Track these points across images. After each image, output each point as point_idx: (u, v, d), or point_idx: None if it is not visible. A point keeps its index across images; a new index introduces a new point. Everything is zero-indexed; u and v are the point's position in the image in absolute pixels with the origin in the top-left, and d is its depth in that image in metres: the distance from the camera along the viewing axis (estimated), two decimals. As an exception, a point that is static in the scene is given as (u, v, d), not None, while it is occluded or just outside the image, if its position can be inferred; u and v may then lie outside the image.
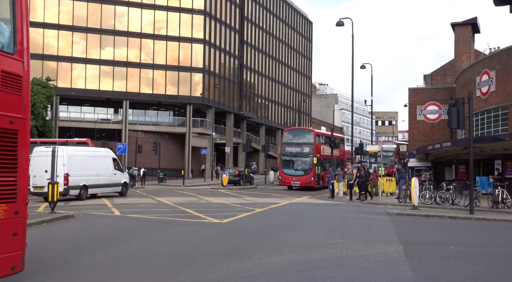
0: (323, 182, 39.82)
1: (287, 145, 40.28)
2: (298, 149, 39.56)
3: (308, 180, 38.59)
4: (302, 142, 39.99)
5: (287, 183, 39.50)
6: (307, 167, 39.06)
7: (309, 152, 39.06)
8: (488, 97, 33.03)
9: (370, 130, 68.46)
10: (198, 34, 63.93)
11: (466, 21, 46.61)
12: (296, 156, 39.68)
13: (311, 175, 38.60)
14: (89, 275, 8.61)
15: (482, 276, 8.90)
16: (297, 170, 39.33)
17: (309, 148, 39.28)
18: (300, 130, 45.40)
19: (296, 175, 39.07)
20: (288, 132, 42.65)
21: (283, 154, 40.06)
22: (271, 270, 9.05)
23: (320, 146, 39.92)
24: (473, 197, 20.93)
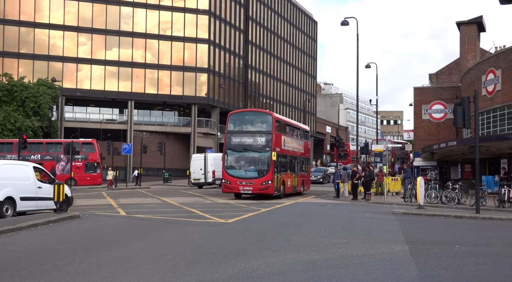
0: (284, 189, 29.48)
1: (234, 135, 28.83)
2: (250, 140, 28.37)
3: (264, 185, 27.49)
4: (255, 130, 28.92)
5: (234, 190, 28.04)
6: (262, 167, 27.98)
7: (266, 145, 27.88)
8: (494, 96, 32.90)
9: (375, 130, 68.40)
10: (202, 34, 64.00)
11: (472, 19, 46.47)
12: (247, 151, 28.39)
13: (268, 178, 27.49)
14: (95, 275, 8.63)
15: (488, 276, 8.86)
16: (248, 170, 28.16)
17: (266, 138, 28.05)
18: (252, 113, 34.16)
19: (247, 178, 27.75)
20: (235, 116, 30.38)
21: (228, 147, 28.57)
22: (276, 270, 9.04)
23: (280, 136, 29.28)
24: (479, 196, 20.86)
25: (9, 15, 58.29)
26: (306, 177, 35.30)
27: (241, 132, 29.02)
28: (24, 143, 32.73)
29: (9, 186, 17.20)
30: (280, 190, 28.72)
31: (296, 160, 32.24)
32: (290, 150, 30.92)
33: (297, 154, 32.49)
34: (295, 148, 32.05)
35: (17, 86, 51.21)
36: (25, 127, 47.75)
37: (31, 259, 10.07)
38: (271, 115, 29.27)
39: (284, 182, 29.49)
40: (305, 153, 34.94)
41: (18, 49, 58.36)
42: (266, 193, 27.65)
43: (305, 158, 35.07)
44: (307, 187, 35.72)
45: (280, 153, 28.68)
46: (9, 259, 10.15)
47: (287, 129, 31.74)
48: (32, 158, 42.40)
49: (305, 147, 35.20)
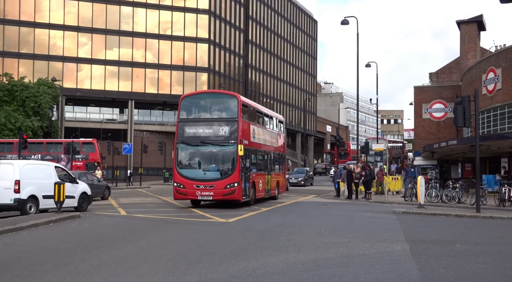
0: (255, 193, 23.61)
1: (189, 124, 22.62)
2: (209, 130, 22.34)
3: (229, 189, 21.31)
4: (216, 117, 22.87)
5: (190, 195, 21.81)
6: (226, 165, 21.89)
7: (230, 136, 21.87)
8: (494, 95, 32.90)
9: (375, 129, 68.52)
10: (203, 33, 64.01)
11: (472, 18, 46.48)
12: (205, 144, 22.16)
13: (233, 179, 21.36)
14: (96, 275, 8.63)
15: (489, 275, 8.86)
16: (207, 170, 21.96)
17: (230, 128, 21.99)
18: (211, 95, 26.34)
19: (205, 180, 21.52)
20: (189, 100, 23.90)
21: (181, 140, 22.41)
22: (277, 269, 9.04)
23: (249, 126, 23.24)
24: (480, 195, 20.85)
25: (9, 15, 58.29)
26: (282, 177, 29.57)
27: (197, 121, 22.68)
28: (24, 143, 32.75)
29: (32, 185, 18.10)
30: (249, 194, 22.58)
31: (269, 156, 26.34)
32: (261, 144, 25.01)
33: (270, 148, 26.87)
34: (267, 142, 26.28)
35: (18, 86, 51.24)
36: (25, 127, 47.77)
37: (31, 259, 10.07)
38: (236, 97, 22.50)
39: (255, 184, 23.39)
40: (279, 148, 29.09)
41: (18, 49, 58.36)
42: (231, 199, 21.44)
43: (279, 154, 28.96)
44: (283, 189, 30.32)
45: (248, 147, 22.62)
46: (10, 259, 10.16)
47: (258, 117, 25.43)
48: (33, 158, 42.41)
49: (280, 141, 29.36)
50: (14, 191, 17.43)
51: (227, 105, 22.91)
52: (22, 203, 17.57)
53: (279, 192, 28.41)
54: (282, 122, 30.96)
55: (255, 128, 24.20)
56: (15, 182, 17.46)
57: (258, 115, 25.71)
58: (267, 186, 25.82)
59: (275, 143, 28.11)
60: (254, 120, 24.47)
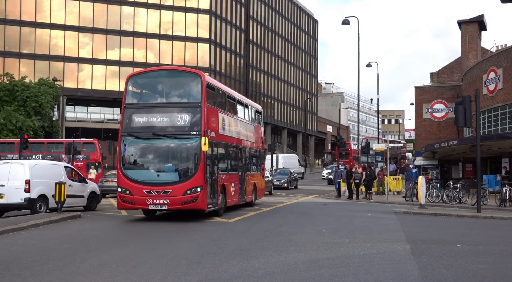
0: (225, 199, 18.74)
1: (138, 111, 17.81)
2: (164, 119, 17.45)
3: (190, 195, 16.39)
4: (173, 102, 18.16)
5: (139, 204, 16.83)
6: (185, 164, 17.13)
7: (192, 126, 17.07)
8: (495, 95, 32.89)
9: (376, 129, 68.57)
10: (204, 33, 64.03)
11: (473, 18, 46.44)
12: (159, 137, 17.24)
13: (195, 182, 16.50)
14: (97, 275, 8.64)
15: (490, 275, 8.86)
16: (161, 170, 17.05)
17: (192, 115, 17.18)
18: (166, 73, 20.02)
19: (159, 184, 16.63)
20: (137, 79, 19.06)
21: (128, 132, 17.48)
22: (278, 269, 9.05)
23: (217, 114, 18.50)
24: (480, 195, 20.85)
25: (10, 15, 58.33)
26: (260, 178, 24.52)
27: (149, 106, 17.88)
28: (25, 143, 32.80)
29: (42, 185, 18.30)
30: (217, 202, 17.58)
31: (244, 153, 21.45)
32: (234, 137, 20.15)
33: (246, 144, 21.96)
34: (242, 135, 21.47)
35: (18, 86, 51.24)
36: (26, 127, 47.78)
37: (32, 259, 10.08)
38: (199, 76, 17.39)
39: (225, 188, 18.57)
40: (257, 143, 24.09)
41: (19, 49, 58.41)
42: (193, 208, 16.46)
43: (257, 151, 24.08)
44: (261, 193, 24.80)
45: (217, 141, 17.88)
46: (11, 258, 10.16)
47: (229, 104, 20.57)
48: (33, 158, 42.42)
49: (257, 135, 24.36)
50: (25, 191, 17.69)
51: (188, 87, 18.05)
52: (32, 202, 17.84)
53: (256, 196, 23.30)
54: (260, 113, 25.91)
55: (226, 117, 19.20)
56: (25, 182, 17.70)
57: (230, 102, 20.77)
58: (242, 190, 20.86)
59: (252, 137, 23.24)
60: (225, 108, 19.48)
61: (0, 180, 17.64)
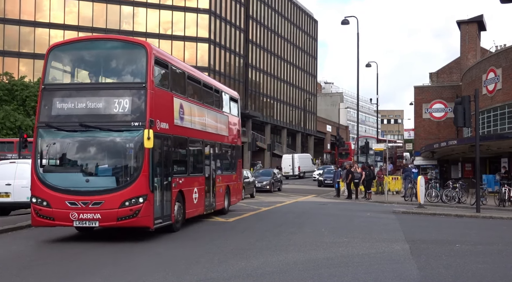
0: (184, 210, 14.54)
1: (60, 94, 13.19)
2: (95, 104, 12.87)
3: (129, 207, 11.95)
4: (108, 82, 14.03)
5: (60, 220, 12.15)
6: (123, 167, 12.62)
7: (132, 115, 12.65)
8: (495, 95, 32.89)
9: (375, 129, 68.62)
10: (203, 33, 64.01)
11: (472, 18, 46.45)
12: (88, 129, 12.58)
13: (136, 190, 12.09)
14: (96, 274, 8.64)
15: (489, 275, 8.87)
16: (90, 174, 12.53)
17: (132, 99, 12.73)
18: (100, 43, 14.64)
19: (87, 193, 12.09)
20: (62, 50, 14.13)
21: (46, 122, 12.84)
22: (277, 269, 9.05)
23: (171, 99, 14.07)
24: (480, 195, 20.85)
25: (9, 15, 58.31)
26: (235, 180, 20.38)
27: (75, 88, 13.53)
28: (24, 142, 32.71)
29: None
30: (170, 214, 13.40)
31: (212, 150, 17.51)
32: (197, 130, 16.07)
33: (215, 138, 17.87)
34: (209, 127, 17.26)
35: (18, 85, 51.20)
36: (25, 126, 47.77)
37: (31, 258, 10.08)
38: (144, 48, 13.00)
39: (184, 195, 14.51)
40: (231, 137, 19.96)
41: (18, 48, 58.38)
42: (134, 225, 12.21)
43: (232, 147, 20.10)
44: (237, 198, 20.87)
45: (170, 135, 13.67)
46: (10, 258, 10.17)
47: (191, 87, 16.25)
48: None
49: (232, 128, 20.18)
50: None
51: (128, 62, 13.67)
52: None
53: (230, 202, 19.50)
54: (236, 101, 21.25)
55: (186, 104, 14.86)
56: None
57: (193, 85, 16.36)
58: (209, 196, 16.86)
59: (224, 130, 19.00)
60: (184, 92, 15.13)
61: (7, 179, 17.69)
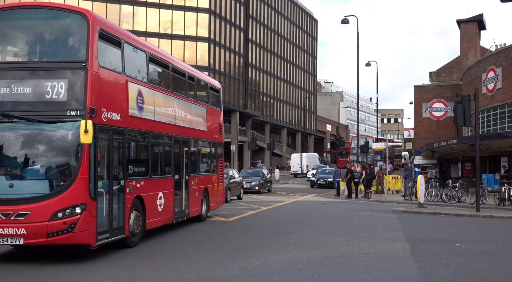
0: (143, 221, 11.84)
1: None
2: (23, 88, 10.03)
3: (63, 219, 9.27)
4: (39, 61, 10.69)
5: None
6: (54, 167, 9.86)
7: (68, 101, 9.83)
8: (494, 94, 32.89)
9: (375, 128, 68.62)
10: (203, 32, 63.97)
11: (472, 18, 46.42)
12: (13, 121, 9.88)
13: (72, 197, 9.39)
14: (96, 274, 8.64)
15: (489, 274, 8.87)
16: (14, 178, 9.75)
17: (68, 83, 9.85)
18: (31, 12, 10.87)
19: (8, 201, 9.38)
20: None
21: None
22: (277, 268, 9.05)
23: (125, 83, 11.19)
24: (479, 194, 20.85)
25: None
26: (215, 182, 17.69)
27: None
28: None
29: None
30: (124, 227, 10.95)
31: (185, 147, 14.89)
32: (164, 123, 13.37)
33: (189, 133, 15.19)
34: (181, 120, 14.55)
35: None
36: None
37: (28, 258, 10.07)
38: (84, 17, 10.28)
39: (144, 202, 11.98)
40: (210, 133, 17.22)
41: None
42: (69, 242, 9.61)
43: (210, 143, 17.38)
44: (219, 202, 18.15)
45: (124, 128, 11.15)
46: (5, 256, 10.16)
47: (156, 72, 13.88)
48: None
49: (212, 121, 17.45)
50: None
51: (65, 36, 10.89)
52: None
53: (209, 207, 16.80)
54: (218, 91, 18.74)
55: (147, 91, 12.14)
56: None
57: (157, 68, 13.67)
58: (180, 202, 14.28)
59: (201, 124, 16.29)
60: (146, 77, 12.39)
61: None
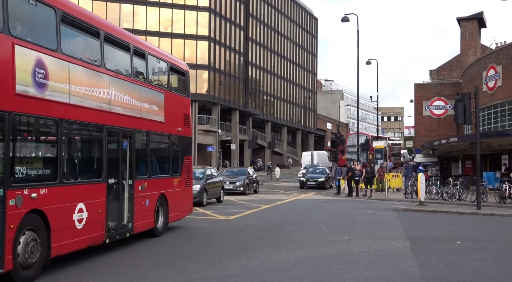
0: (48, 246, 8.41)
1: None
2: None
3: None
4: None
5: None
6: None
7: None
8: (495, 92, 32.88)
9: (376, 126, 68.63)
10: (203, 31, 63.95)
11: (472, 15, 46.37)
12: None
13: None
14: (97, 273, 8.64)
15: (489, 272, 8.87)
16: None
17: None
18: None
19: None
20: None
21: None
22: (277, 267, 9.05)
23: (10, 47, 7.74)
24: (480, 192, 20.86)
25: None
26: (177, 186, 14.20)
27: None
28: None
29: None
30: (2, 257, 7.35)
31: (131, 141, 11.88)
32: (86, 108, 9.95)
33: (135, 124, 11.98)
34: (120, 106, 11.27)
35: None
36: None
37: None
38: None
39: (47, 220, 8.52)
40: (171, 124, 13.85)
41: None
42: None
43: (170, 138, 14.03)
44: (182, 210, 14.51)
45: (3, 112, 7.64)
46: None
47: (70, 33, 9.94)
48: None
49: (173, 110, 14.03)
50: None
51: None
52: None
53: (169, 218, 13.43)
54: (183, 74, 15.22)
55: (54, 63, 8.99)
56: None
57: (78, 33, 10.34)
58: (116, 215, 10.99)
59: (157, 114, 12.98)
60: (53, 42, 9.11)
61: None
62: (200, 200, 20.82)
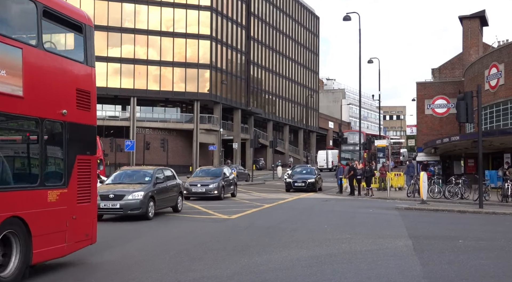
0: None
1: None
2: None
3: None
4: None
5: None
6: None
7: None
8: (497, 91, 32.83)
9: (378, 125, 68.57)
10: (205, 30, 63.95)
11: (474, 14, 46.30)
12: None
13: None
14: (100, 272, 8.66)
15: (492, 270, 8.86)
16: None
17: None
18: None
19: None
20: None
21: None
22: (280, 266, 9.05)
23: None
24: (482, 191, 20.83)
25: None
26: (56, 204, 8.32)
27: None
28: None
29: None
30: None
31: None
32: None
33: None
34: None
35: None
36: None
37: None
38: None
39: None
40: (37, 104, 8.00)
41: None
42: None
43: (40, 124, 8.07)
44: (68, 241, 8.64)
45: None
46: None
47: None
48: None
49: (48, 83, 8.37)
50: None
51: None
52: None
53: (33, 256, 7.74)
54: (76, 26, 9.57)
55: None
56: None
57: None
58: None
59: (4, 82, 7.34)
60: None
61: None
62: (143, 212, 15.74)
